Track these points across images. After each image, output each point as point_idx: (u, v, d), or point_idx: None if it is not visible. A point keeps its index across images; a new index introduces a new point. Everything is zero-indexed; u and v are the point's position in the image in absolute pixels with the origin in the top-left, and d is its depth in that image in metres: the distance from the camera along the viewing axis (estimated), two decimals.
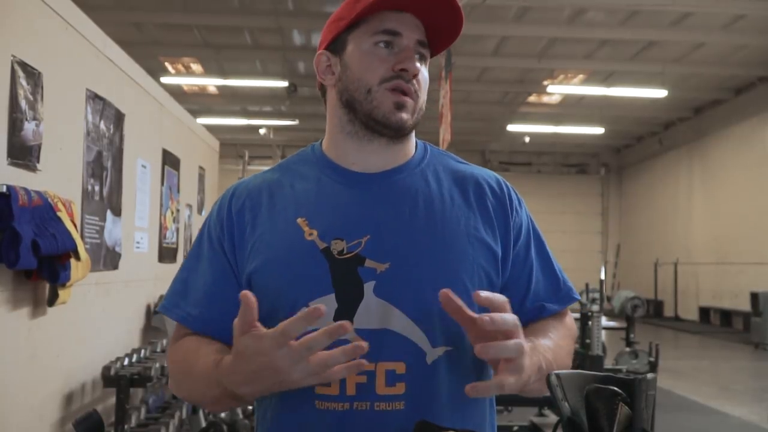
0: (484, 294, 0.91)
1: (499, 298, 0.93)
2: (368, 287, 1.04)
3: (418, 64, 1.09)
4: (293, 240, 1.07)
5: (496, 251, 1.11)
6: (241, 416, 3.97)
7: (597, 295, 8.00)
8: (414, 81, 1.09)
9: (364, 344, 0.87)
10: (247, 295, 0.88)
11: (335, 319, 1.03)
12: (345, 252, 1.06)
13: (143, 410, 3.21)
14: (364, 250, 1.06)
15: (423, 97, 1.12)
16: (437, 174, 1.16)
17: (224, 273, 1.11)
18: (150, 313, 4.06)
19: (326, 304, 1.02)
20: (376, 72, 1.08)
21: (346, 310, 1.04)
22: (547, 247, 1.21)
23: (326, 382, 0.96)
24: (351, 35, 1.12)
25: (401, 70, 1.07)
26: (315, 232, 1.07)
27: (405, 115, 1.09)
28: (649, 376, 0.82)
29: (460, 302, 0.92)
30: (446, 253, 1.07)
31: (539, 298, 1.16)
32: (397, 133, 1.11)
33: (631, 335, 7.20)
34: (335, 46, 1.14)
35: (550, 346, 1.05)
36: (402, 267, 1.05)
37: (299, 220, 1.09)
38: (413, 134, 1.18)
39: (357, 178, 1.13)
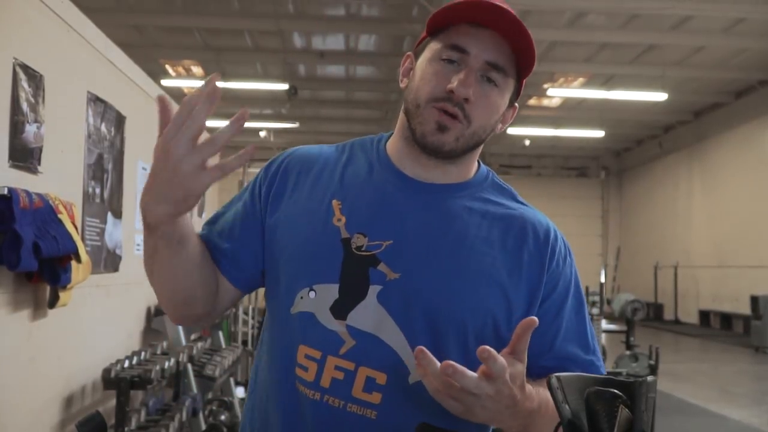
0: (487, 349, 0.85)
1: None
2: (373, 290, 1.03)
3: (470, 91, 1.01)
4: (321, 219, 1.08)
5: (513, 301, 1.06)
6: (241, 419, 3.97)
7: (597, 298, 8.00)
8: (465, 105, 1.02)
9: (246, 112, 0.86)
10: (163, 98, 0.88)
11: (332, 309, 1.04)
12: (364, 249, 1.05)
13: (143, 412, 3.20)
14: (382, 253, 1.04)
15: (480, 122, 1.05)
16: (485, 206, 1.11)
17: (253, 217, 1.13)
18: (150, 316, 4.05)
19: (327, 292, 1.04)
20: (429, 88, 1.04)
21: (345, 304, 1.04)
22: (586, 313, 1.13)
23: (218, 177, 0.90)
24: (430, 42, 1.08)
25: (449, 91, 1.02)
26: (344, 219, 1.07)
27: (446, 138, 1.04)
28: (650, 378, 0.82)
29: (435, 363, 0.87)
30: (456, 284, 1.04)
31: (563, 357, 1.08)
32: (435, 155, 1.06)
33: (631, 338, 7.19)
34: (419, 49, 1.11)
35: (547, 401, 0.99)
36: (410, 282, 1.03)
37: (334, 202, 1.08)
38: (473, 158, 1.13)
39: (405, 182, 1.11)
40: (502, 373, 0.86)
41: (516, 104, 1.16)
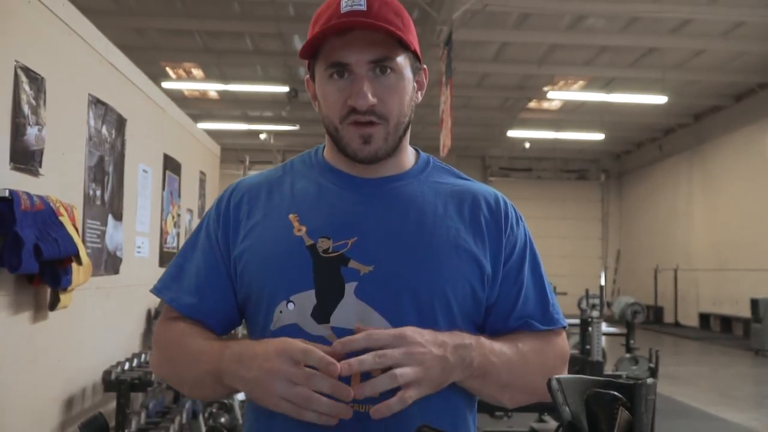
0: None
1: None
2: (349, 287, 1.05)
3: (368, 97, 1.05)
4: (282, 233, 1.10)
5: (484, 266, 1.11)
6: (240, 422, 3.97)
7: (597, 301, 7.99)
8: (373, 109, 1.06)
9: (350, 393, 0.92)
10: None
11: (313, 315, 1.06)
12: (330, 251, 1.07)
13: (143, 415, 3.20)
14: (349, 251, 1.07)
15: (395, 113, 1.09)
16: (435, 186, 1.17)
17: (216, 265, 1.15)
18: (151, 318, 4.06)
19: (306, 300, 1.07)
20: (335, 110, 1.08)
21: (325, 307, 1.06)
22: (542, 269, 1.20)
23: (292, 416, 0.96)
24: (315, 65, 1.12)
25: (351, 107, 1.06)
26: (304, 229, 1.10)
27: (374, 146, 1.08)
28: (649, 380, 0.83)
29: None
30: (430, 261, 1.08)
31: (524, 317, 1.15)
32: (373, 163, 1.11)
33: (631, 341, 7.19)
34: (311, 73, 1.15)
35: (503, 350, 1.06)
36: (385, 271, 1.06)
37: (291, 216, 1.12)
38: (406, 144, 1.18)
39: (354, 182, 1.15)
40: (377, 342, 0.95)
41: (423, 66, 1.17)
